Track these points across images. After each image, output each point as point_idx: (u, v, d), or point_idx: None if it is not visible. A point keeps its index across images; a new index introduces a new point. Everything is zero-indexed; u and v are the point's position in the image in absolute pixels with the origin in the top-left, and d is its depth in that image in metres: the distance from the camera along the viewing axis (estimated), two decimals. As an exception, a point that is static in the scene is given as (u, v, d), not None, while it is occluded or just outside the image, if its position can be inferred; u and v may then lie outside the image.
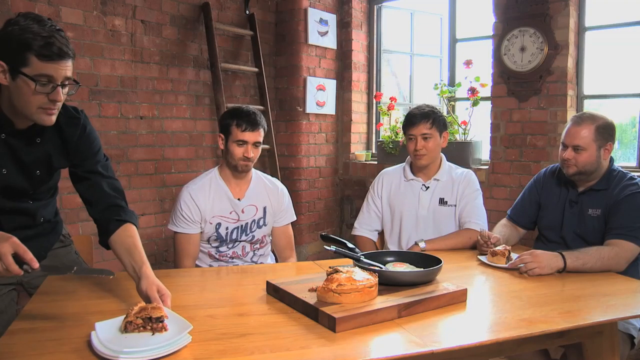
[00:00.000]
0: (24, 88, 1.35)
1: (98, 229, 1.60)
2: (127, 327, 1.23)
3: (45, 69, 1.35)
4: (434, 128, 2.29)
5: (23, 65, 1.33)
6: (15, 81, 1.35)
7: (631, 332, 1.88)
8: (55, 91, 1.38)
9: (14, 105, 1.40)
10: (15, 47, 1.33)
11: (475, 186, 2.37)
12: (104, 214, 1.60)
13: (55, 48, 1.35)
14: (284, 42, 4.05)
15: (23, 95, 1.37)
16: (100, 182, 1.63)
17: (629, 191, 1.99)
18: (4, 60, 1.34)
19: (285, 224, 2.34)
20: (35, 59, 1.33)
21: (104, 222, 1.58)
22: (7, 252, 1.24)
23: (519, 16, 3.29)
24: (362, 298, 1.36)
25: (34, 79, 1.34)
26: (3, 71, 1.35)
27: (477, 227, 2.25)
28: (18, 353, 1.13)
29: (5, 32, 1.34)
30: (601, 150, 2.03)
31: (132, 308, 1.25)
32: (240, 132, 2.11)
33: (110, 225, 1.56)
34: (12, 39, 1.32)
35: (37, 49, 1.33)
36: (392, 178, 2.47)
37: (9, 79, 1.36)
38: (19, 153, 1.50)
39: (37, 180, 1.57)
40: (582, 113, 2.13)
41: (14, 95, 1.38)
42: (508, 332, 1.29)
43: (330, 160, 4.27)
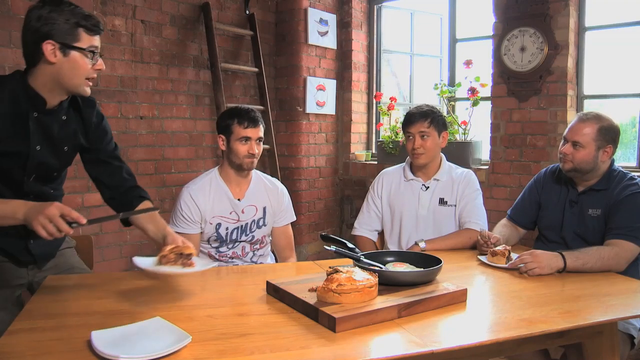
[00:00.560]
0: (78, 61, 1.51)
1: (116, 206, 1.77)
2: (161, 261, 1.45)
3: (93, 42, 1.53)
4: (432, 127, 2.29)
5: (75, 40, 1.49)
6: (68, 56, 1.49)
7: (631, 332, 1.88)
8: (99, 61, 1.56)
9: (60, 81, 1.52)
10: (67, 25, 1.48)
11: (475, 186, 2.37)
12: (126, 196, 1.77)
13: (98, 22, 1.54)
14: (284, 42, 4.05)
15: (76, 69, 1.51)
16: (121, 167, 1.79)
17: (629, 191, 1.99)
18: (54, 39, 1.46)
19: (285, 224, 2.34)
20: (84, 34, 1.50)
21: (126, 203, 1.75)
22: (56, 214, 1.38)
23: (519, 16, 3.29)
24: (362, 298, 1.36)
25: (88, 51, 1.51)
26: (53, 49, 1.47)
27: (477, 227, 2.25)
28: (18, 353, 1.13)
29: (50, 15, 1.46)
30: (600, 152, 2.03)
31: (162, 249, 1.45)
32: (242, 129, 2.13)
33: (133, 203, 1.75)
34: (63, 20, 1.47)
35: (86, 25, 1.50)
36: (392, 178, 2.47)
37: (59, 56, 1.49)
38: (49, 130, 1.60)
39: (65, 156, 1.68)
40: (590, 112, 2.12)
41: (63, 70, 1.50)
42: (508, 332, 1.29)
43: (330, 160, 4.27)
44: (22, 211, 1.41)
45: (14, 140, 1.53)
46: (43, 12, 1.47)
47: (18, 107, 1.52)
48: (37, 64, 1.52)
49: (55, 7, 1.48)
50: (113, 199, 1.79)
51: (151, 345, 1.15)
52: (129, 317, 1.33)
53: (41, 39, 1.47)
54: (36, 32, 1.47)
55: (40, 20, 1.47)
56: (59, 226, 1.39)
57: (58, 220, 1.38)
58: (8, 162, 1.55)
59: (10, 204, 1.45)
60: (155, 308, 1.42)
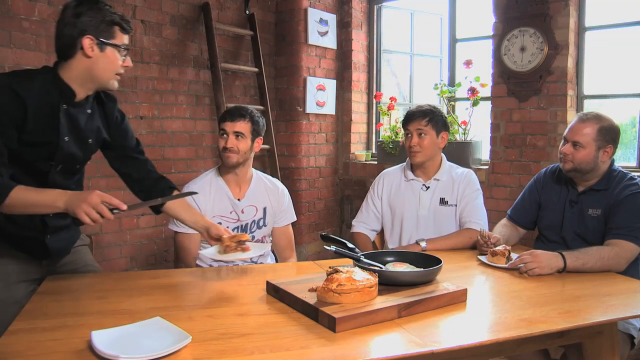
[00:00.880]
0: (112, 57, 1.61)
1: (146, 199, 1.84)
2: (227, 250, 1.74)
3: (125, 40, 1.64)
4: (429, 126, 2.29)
5: (112, 37, 1.60)
6: (104, 52, 1.59)
7: (631, 332, 1.88)
8: (128, 59, 1.67)
9: (92, 75, 1.61)
10: (106, 23, 1.58)
11: (475, 186, 2.37)
12: (156, 187, 1.88)
13: (129, 22, 1.66)
14: (284, 42, 4.05)
15: (109, 64, 1.61)
16: (146, 161, 1.91)
17: (629, 191, 1.99)
18: (93, 35, 1.56)
19: (285, 225, 2.34)
20: (119, 32, 1.62)
21: (157, 193, 1.85)
22: (98, 201, 1.46)
23: (519, 16, 3.29)
24: (362, 298, 1.36)
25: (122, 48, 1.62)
26: (91, 44, 1.56)
27: (477, 227, 2.25)
28: (18, 353, 1.13)
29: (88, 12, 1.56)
30: (600, 152, 2.03)
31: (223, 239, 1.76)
32: (222, 123, 2.19)
33: (165, 194, 1.86)
34: (101, 17, 1.57)
35: (121, 23, 1.61)
36: (393, 178, 2.47)
37: (96, 51, 1.58)
38: (76, 122, 1.66)
39: (89, 148, 1.74)
40: (590, 112, 2.12)
41: (98, 65, 1.60)
42: (508, 332, 1.29)
43: (330, 160, 4.27)
44: (62, 200, 1.48)
45: (44, 131, 1.58)
46: (82, 9, 1.56)
47: (48, 99, 1.57)
48: (72, 57, 1.59)
49: (93, 5, 1.58)
50: (143, 191, 1.88)
51: (151, 345, 1.15)
52: (129, 317, 1.33)
53: (80, 34, 1.55)
54: (75, 27, 1.55)
55: (79, 16, 1.55)
56: (102, 213, 1.46)
57: (101, 207, 1.46)
58: (36, 153, 1.60)
59: (50, 193, 1.51)
60: (155, 308, 1.42)
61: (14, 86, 1.51)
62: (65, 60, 1.60)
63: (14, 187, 1.47)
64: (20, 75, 1.58)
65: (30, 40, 2.79)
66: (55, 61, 1.64)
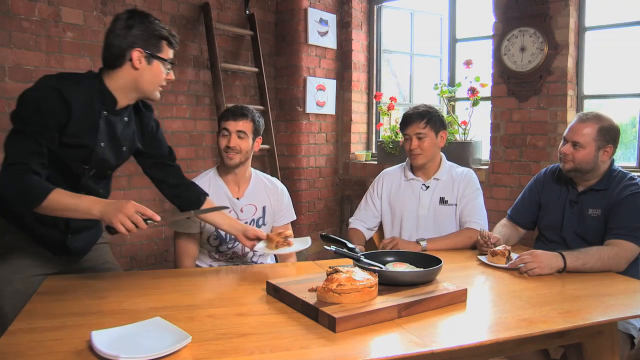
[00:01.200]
0: (158, 70, 1.66)
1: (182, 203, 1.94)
2: (277, 245, 1.86)
3: (170, 54, 1.70)
4: (428, 127, 2.29)
5: (159, 51, 1.66)
6: (151, 64, 1.65)
7: (631, 332, 1.88)
8: (171, 73, 1.72)
9: (138, 85, 1.66)
10: (155, 37, 1.64)
11: (475, 185, 2.37)
12: (190, 193, 1.95)
13: (176, 38, 1.71)
14: (284, 42, 4.05)
15: (155, 76, 1.67)
16: (178, 167, 1.98)
17: (629, 191, 1.99)
18: (142, 47, 1.61)
19: (285, 224, 2.34)
20: (166, 46, 1.68)
21: (193, 199, 1.93)
22: (133, 211, 1.49)
23: (519, 16, 3.29)
24: (362, 298, 1.36)
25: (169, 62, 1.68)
26: (140, 57, 1.62)
27: (477, 226, 2.25)
28: (18, 353, 1.13)
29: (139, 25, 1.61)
30: (600, 152, 2.03)
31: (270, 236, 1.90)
32: (223, 122, 2.18)
33: (200, 198, 1.95)
34: (151, 31, 1.63)
35: (168, 38, 1.67)
36: (393, 178, 2.47)
37: (144, 63, 1.63)
38: (114, 129, 1.70)
39: (121, 155, 1.79)
40: (590, 112, 2.12)
41: (144, 77, 1.65)
42: (508, 332, 1.29)
43: (330, 160, 4.27)
44: (97, 208, 1.51)
45: (83, 135, 1.62)
46: (133, 22, 1.62)
47: (91, 105, 1.62)
48: (119, 67, 1.64)
49: (144, 19, 1.64)
50: (178, 196, 1.95)
51: (151, 345, 1.15)
52: (129, 317, 1.33)
53: (130, 46, 1.61)
54: (125, 39, 1.61)
55: (130, 29, 1.61)
56: (137, 223, 1.50)
57: (136, 217, 1.50)
58: (72, 155, 1.64)
59: (85, 200, 1.53)
60: (155, 308, 1.42)
61: (62, 90, 1.55)
62: (111, 69, 1.64)
63: (52, 190, 1.50)
64: (68, 78, 1.61)
65: (30, 40, 2.79)
66: (100, 68, 1.68)
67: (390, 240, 2.20)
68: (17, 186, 1.47)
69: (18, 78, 2.77)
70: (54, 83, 1.56)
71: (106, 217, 1.49)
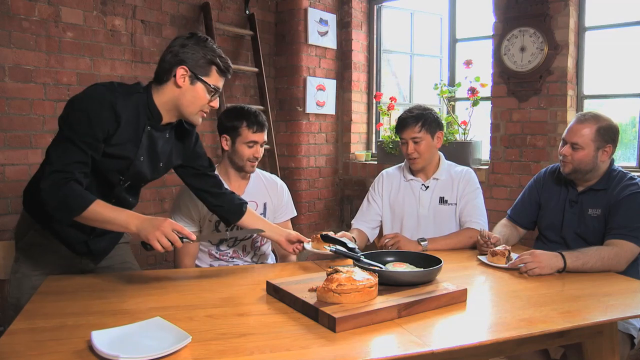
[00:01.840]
0: (200, 93, 1.65)
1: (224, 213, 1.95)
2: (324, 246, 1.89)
3: (218, 82, 1.68)
4: (423, 131, 2.28)
5: (205, 74, 1.65)
6: (194, 85, 1.64)
7: (631, 332, 1.88)
8: (216, 100, 1.71)
9: (178, 105, 1.66)
10: (204, 60, 1.63)
11: (475, 185, 2.37)
12: (232, 203, 1.95)
13: (229, 67, 1.70)
14: (284, 42, 4.05)
15: (196, 99, 1.65)
16: (217, 177, 1.97)
17: (629, 191, 1.99)
18: (188, 67, 1.62)
19: (285, 220, 2.34)
20: (215, 72, 1.66)
21: (235, 209, 1.95)
22: (170, 229, 1.51)
23: (519, 16, 3.29)
24: (362, 298, 1.36)
25: (212, 88, 1.65)
26: (183, 75, 1.62)
27: (477, 226, 2.25)
28: (18, 353, 1.13)
29: (193, 46, 1.63)
30: (599, 152, 2.03)
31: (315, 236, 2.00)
32: (251, 133, 2.14)
33: (242, 207, 1.96)
34: (202, 54, 1.63)
35: (219, 65, 1.66)
36: (393, 178, 2.47)
37: (187, 83, 1.63)
38: (154, 145, 1.71)
39: (157, 171, 1.79)
40: (588, 112, 2.12)
41: (185, 97, 1.65)
42: (508, 332, 1.29)
43: (330, 160, 4.27)
44: (135, 223, 1.52)
45: (125, 147, 1.64)
46: (188, 42, 1.63)
47: (137, 118, 1.64)
48: (165, 83, 1.65)
49: (200, 41, 1.65)
50: (220, 206, 1.94)
51: (151, 345, 1.15)
52: (129, 317, 1.33)
53: (177, 63, 1.62)
54: (176, 56, 1.63)
55: (184, 47, 1.62)
56: (174, 242, 1.52)
57: (173, 235, 1.52)
58: (113, 164, 1.65)
59: (123, 214, 1.55)
60: (155, 308, 1.42)
61: (114, 103, 1.56)
62: (159, 84, 1.66)
63: (93, 202, 1.51)
64: (120, 91, 1.62)
65: (30, 40, 2.79)
66: (150, 82, 1.70)
67: (394, 236, 2.18)
68: (59, 195, 1.49)
69: (18, 78, 2.77)
70: (107, 94, 1.57)
71: (143, 233, 1.51)
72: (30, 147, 2.85)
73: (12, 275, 1.75)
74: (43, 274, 1.71)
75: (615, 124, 2.07)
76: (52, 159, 1.52)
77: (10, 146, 2.78)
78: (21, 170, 2.83)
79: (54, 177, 1.49)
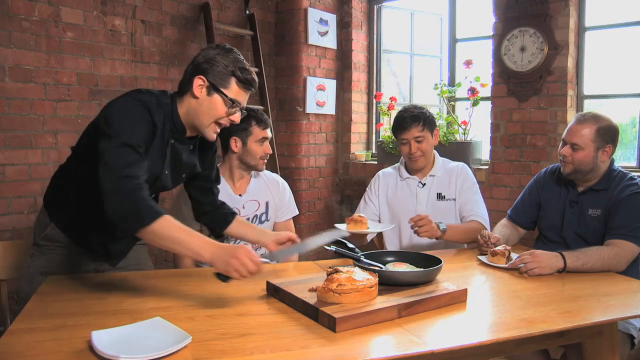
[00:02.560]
0: (216, 104, 1.58)
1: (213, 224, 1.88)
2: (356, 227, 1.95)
3: (239, 95, 1.60)
4: (425, 129, 2.29)
5: (224, 86, 1.58)
6: (211, 96, 1.58)
7: (631, 332, 1.88)
8: (237, 114, 1.62)
9: (193, 116, 1.60)
10: (224, 71, 1.57)
11: (472, 179, 2.40)
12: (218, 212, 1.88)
13: (252, 80, 1.62)
14: (284, 42, 4.05)
15: (211, 109, 1.58)
16: (215, 187, 1.90)
17: (629, 191, 1.99)
18: (207, 77, 1.56)
19: (287, 219, 2.34)
20: (235, 84, 1.59)
21: (220, 218, 1.87)
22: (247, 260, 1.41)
23: (519, 16, 3.29)
24: (362, 298, 1.36)
25: (229, 100, 1.58)
26: (200, 85, 1.57)
27: (481, 220, 2.29)
28: (18, 353, 1.13)
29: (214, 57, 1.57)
30: (599, 152, 2.03)
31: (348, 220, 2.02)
32: (261, 130, 2.21)
33: (228, 218, 1.87)
34: (220, 64, 1.57)
35: (239, 77, 1.58)
36: (389, 178, 2.47)
37: (203, 93, 1.58)
38: (178, 158, 1.68)
39: (178, 182, 1.77)
40: (587, 112, 2.12)
41: (201, 107, 1.59)
42: (508, 332, 1.29)
43: (330, 160, 4.27)
44: (208, 251, 1.42)
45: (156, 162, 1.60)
46: (211, 52, 1.59)
47: (164, 131, 1.59)
48: (185, 94, 1.61)
49: (222, 52, 1.59)
50: (205, 214, 1.88)
51: (151, 345, 1.14)
52: (129, 317, 1.33)
53: (196, 73, 1.57)
54: (197, 66, 1.58)
55: (206, 58, 1.58)
56: (250, 270, 1.42)
57: (251, 264, 1.41)
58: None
59: (196, 239, 1.44)
60: (155, 308, 1.42)
61: (152, 114, 1.52)
62: (181, 95, 1.62)
63: (162, 215, 1.42)
64: (153, 101, 1.56)
65: (30, 40, 2.79)
66: (174, 92, 1.65)
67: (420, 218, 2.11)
68: (130, 203, 1.40)
69: (18, 78, 2.77)
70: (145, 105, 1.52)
71: (219, 263, 1.41)
72: (30, 147, 2.85)
73: (25, 271, 1.73)
74: (56, 271, 1.70)
75: (615, 124, 2.07)
76: (114, 166, 1.42)
77: (10, 146, 2.78)
78: (21, 170, 2.83)
79: (124, 183, 1.40)
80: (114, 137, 1.45)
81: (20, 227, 2.83)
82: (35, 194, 2.87)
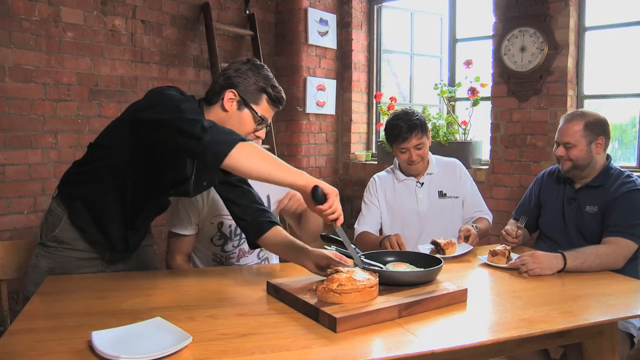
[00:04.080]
0: (245, 119, 1.61)
1: (247, 229, 1.81)
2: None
3: (267, 112, 1.64)
4: (423, 136, 2.29)
5: (255, 103, 1.61)
6: (241, 111, 1.61)
7: (631, 332, 1.88)
8: (262, 131, 1.65)
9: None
10: (255, 87, 1.60)
11: (467, 174, 2.47)
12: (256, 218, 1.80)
13: (281, 98, 1.66)
14: (284, 42, 4.05)
15: (241, 124, 1.60)
16: (250, 191, 1.86)
17: (625, 188, 2.00)
18: (238, 92, 1.59)
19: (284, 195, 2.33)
20: (265, 101, 1.62)
21: (256, 225, 1.78)
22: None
23: (519, 16, 3.29)
24: (362, 298, 1.36)
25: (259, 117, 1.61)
26: (231, 99, 1.59)
27: (488, 216, 2.38)
28: (18, 353, 1.13)
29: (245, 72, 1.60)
30: (592, 145, 2.06)
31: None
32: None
33: (263, 227, 1.77)
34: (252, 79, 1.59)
35: (271, 95, 1.62)
36: (385, 181, 2.46)
37: (234, 107, 1.60)
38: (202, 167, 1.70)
39: (200, 189, 1.80)
40: (574, 111, 2.18)
41: (230, 121, 1.59)
42: (508, 332, 1.29)
43: (330, 160, 4.27)
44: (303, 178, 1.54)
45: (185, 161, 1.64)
46: (243, 67, 1.61)
47: None
48: (214, 105, 1.62)
49: (254, 67, 1.62)
50: (243, 219, 1.82)
51: (151, 345, 1.14)
52: (129, 317, 1.33)
53: (228, 86, 1.59)
54: (228, 79, 1.60)
55: (237, 71, 1.60)
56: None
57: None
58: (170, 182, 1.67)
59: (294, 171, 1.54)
60: (155, 308, 1.42)
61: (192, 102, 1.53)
62: (209, 105, 1.63)
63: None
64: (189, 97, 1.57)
65: (30, 40, 2.79)
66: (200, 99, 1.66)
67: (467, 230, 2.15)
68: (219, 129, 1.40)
69: (18, 78, 2.77)
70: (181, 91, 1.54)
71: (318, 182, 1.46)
72: (30, 147, 2.85)
73: (31, 270, 1.72)
74: (61, 272, 1.70)
75: (602, 117, 2.11)
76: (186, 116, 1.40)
77: (10, 146, 2.78)
78: (21, 170, 2.83)
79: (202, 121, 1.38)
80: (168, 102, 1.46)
81: (20, 227, 2.83)
82: (35, 194, 2.87)
